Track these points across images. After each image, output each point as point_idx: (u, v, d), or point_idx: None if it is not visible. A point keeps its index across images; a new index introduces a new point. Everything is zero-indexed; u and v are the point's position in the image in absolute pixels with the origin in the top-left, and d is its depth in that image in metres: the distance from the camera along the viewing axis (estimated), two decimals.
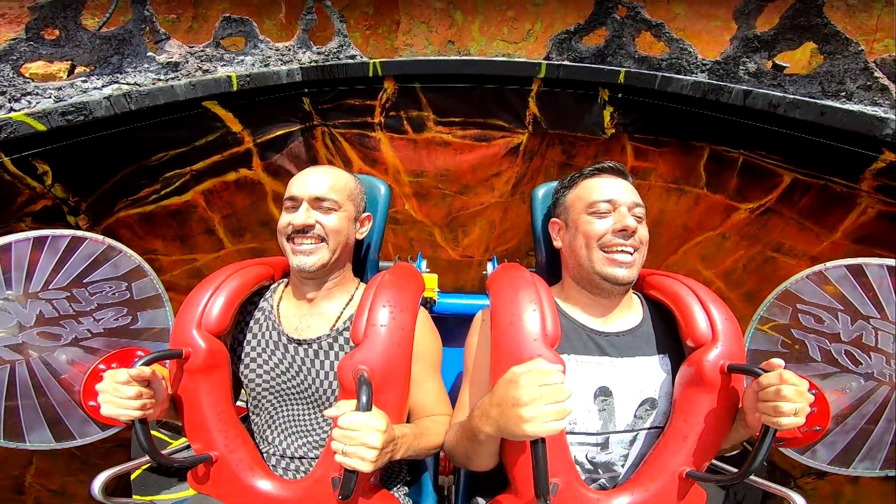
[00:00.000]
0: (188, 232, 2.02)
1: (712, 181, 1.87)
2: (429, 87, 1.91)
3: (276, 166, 2.07)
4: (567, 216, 1.14)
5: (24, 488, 1.64)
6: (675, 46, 1.54)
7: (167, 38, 1.50)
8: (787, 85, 1.42)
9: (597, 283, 1.07)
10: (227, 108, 1.77)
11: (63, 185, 1.57)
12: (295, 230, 1.08)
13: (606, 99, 1.83)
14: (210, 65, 1.60)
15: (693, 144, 1.82)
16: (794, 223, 1.72)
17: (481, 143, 2.07)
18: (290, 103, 1.93)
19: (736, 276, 1.96)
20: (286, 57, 1.70)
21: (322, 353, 1.11)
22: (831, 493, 1.55)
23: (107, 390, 0.94)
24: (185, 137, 1.77)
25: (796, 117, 1.41)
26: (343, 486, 0.86)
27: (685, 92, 1.61)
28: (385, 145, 2.11)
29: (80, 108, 1.42)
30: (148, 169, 1.76)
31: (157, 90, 1.52)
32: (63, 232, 1.15)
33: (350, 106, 1.98)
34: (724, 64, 1.50)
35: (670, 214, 2.07)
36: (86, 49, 1.39)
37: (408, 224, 2.42)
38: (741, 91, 1.47)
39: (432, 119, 2.00)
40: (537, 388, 0.78)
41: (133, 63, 1.49)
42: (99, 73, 1.44)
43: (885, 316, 1.08)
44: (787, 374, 0.83)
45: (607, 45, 1.66)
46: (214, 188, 1.97)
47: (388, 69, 1.85)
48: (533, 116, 1.95)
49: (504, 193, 2.25)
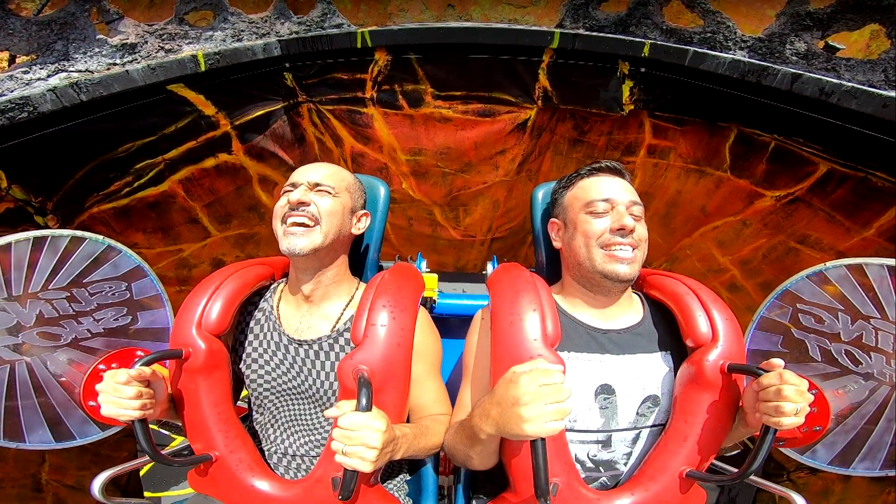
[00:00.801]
0: (169, 223, 1.91)
1: (737, 164, 1.75)
2: (426, 59, 1.72)
3: (260, 148, 1.91)
4: (565, 216, 1.14)
5: (41, 486, 1.66)
6: (711, 19, 1.33)
7: (120, 17, 1.28)
8: (842, 70, 1.23)
9: (597, 282, 1.07)
10: (196, 90, 1.59)
11: (21, 187, 1.45)
12: (290, 206, 1.08)
13: (626, 73, 1.65)
14: (173, 43, 1.39)
15: (719, 125, 1.67)
16: (823, 215, 1.62)
17: (485, 119, 1.90)
18: (269, 80, 1.73)
19: (753, 265, 1.89)
20: (262, 29, 1.48)
21: (322, 353, 1.11)
22: (822, 490, 1.58)
23: (107, 390, 0.94)
24: (151, 125, 1.61)
25: (852, 108, 1.25)
26: (343, 486, 0.86)
27: (721, 71, 1.42)
28: (378, 122, 1.93)
29: (22, 103, 1.26)
30: (115, 161, 1.61)
31: (110, 77, 1.33)
32: (63, 232, 1.14)
33: (338, 80, 1.79)
34: (767, 42, 1.30)
35: (688, 195, 1.97)
36: (22, 37, 1.18)
37: (405, 203, 2.30)
38: (789, 74, 1.28)
39: (430, 93, 1.83)
40: (537, 388, 0.79)
41: (81, 48, 1.28)
42: (42, 62, 1.24)
43: (885, 316, 1.07)
44: (788, 374, 0.84)
45: (630, 13, 1.45)
46: (193, 176, 1.83)
47: (378, 39, 1.65)
48: (543, 90, 1.77)
49: (509, 172, 2.10)
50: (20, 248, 1.09)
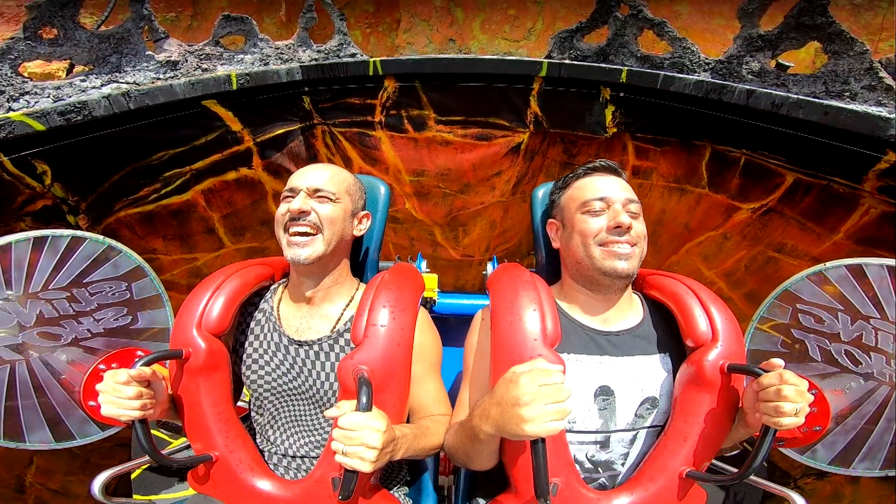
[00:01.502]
0: (188, 231, 2.01)
1: (714, 181, 1.86)
2: (430, 86, 1.90)
3: (276, 165, 2.06)
4: (563, 216, 1.15)
5: (25, 487, 1.64)
6: (678, 45, 1.53)
7: (166, 36, 1.49)
8: (790, 84, 1.41)
9: (597, 280, 1.07)
10: (226, 106, 1.76)
11: (62, 185, 1.57)
12: (291, 216, 1.08)
13: (608, 98, 1.81)
14: (209, 63, 1.59)
15: (695, 144, 1.81)
16: (795, 223, 1.71)
17: (482, 143, 2.06)
18: (290, 102, 1.91)
19: (737, 277, 1.95)
20: (286, 55, 1.69)
21: (323, 354, 1.11)
22: (831, 494, 1.55)
23: (107, 390, 0.94)
24: (184, 136, 1.76)
25: (800, 117, 1.40)
26: (343, 486, 0.86)
27: (688, 91, 1.59)
28: (385, 144, 2.10)
29: (79, 107, 1.41)
30: (148, 168, 1.75)
31: (155, 89, 1.51)
32: (63, 232, 1.14)
33: (350, 105, 1.96)
34: (727, 63, 1.49)
35: (672, 214, 2.07)
36: (84, 48, 1.38)
37: (408, 223, 2.41)
38: (744, 90, 1.45)
39: (433, 118, 1.99)
40: (537, 388, 0.78)
41: (132, 62, 1.48)
42: (98, 73, 1.43)
43: (885, 316, 1.08)
44: (788, 375, 0.84)
45: (609, 43, 1.65)
46: (214, 187, 1.96)
47: (388, 67, 1.84)
48: (534, 115, 1.94)
49: (505, 192, 2.24)
50: (20, 248, 1.09)
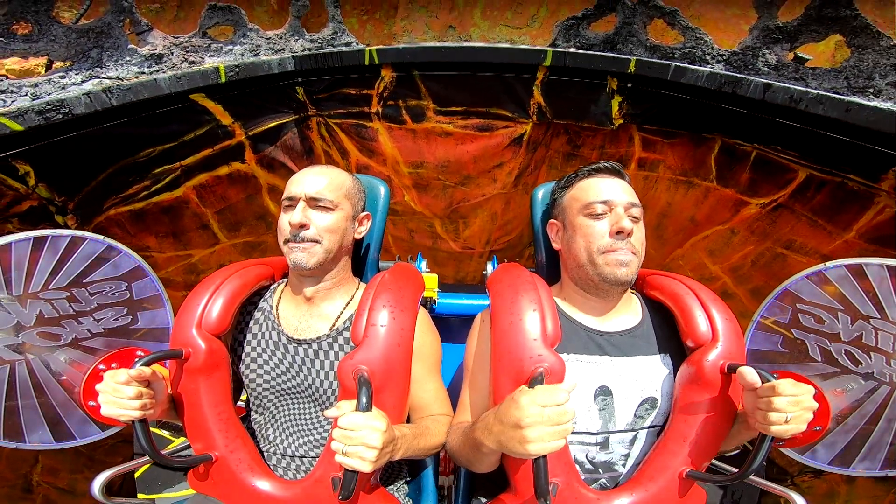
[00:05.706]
0: (182, 228, 1.97)
1: (723, 174, 1.82)
2: (428, 75, 1.83)
3: (270, 159, 2.00)
4: (564, 217, 1.13)
5: (32, 487, 1.64)
6: (690, 35, 1.45)
7: (149, 28, 1.40)
8: (809, 79, 1.34)
9: (596, 284, 1.06)
10: (216, 100, 1.70)
11: (47, 185, 1.52)
12: (292, 231, 1.08)
13: (615, 88, 1.75)
14: (196, 56, 1.51)
15: (704, 136, 1.76)
16: (806, 220, 1.68)
17: (483, 134, 2.00)
18: (282, 93, 1.84)
19: (743, 272, 1.93)
20: (277, 45, 1.60)
21: (322, 353, 1.11)
22: (827, 492, 1.57)
23: (107, 390, 0.94)
24: (173, 132, 1.70)
25: (819, 113, 1.34)
26: (343, 486, 0.86)
27: (700, 83, 1.53)
28: (383, 136, 2.04)
29: (58, 105, 1.35)
30: (136, 165, 1.69)
31: (139, 84, 1.44)
32: (63, 232, 1.14)
33: (346, 95, 1.90)
34: (741, 55, 1.41)
35: (678, 206, 2.04)
36: (62, 43, 1.30)
37: (407, 215, 2.37)
38: (761, 84, 1.38)
39: (432, 108, 1.93)
40: (539, 410, 0.77)
41: (114, 56, 1.40)
42: (77, 68, 1.36)
43: (885, 316, 1.07)
44: (783, 385, 0.83)
45: (617, 32, 1.57)
46: (207, 183, 1.91)
47: (384, 56, 1.77)
48: (537, 106, 1.88)
49: (507, 185, 2.19)
50: (20, 248, 1.09)
